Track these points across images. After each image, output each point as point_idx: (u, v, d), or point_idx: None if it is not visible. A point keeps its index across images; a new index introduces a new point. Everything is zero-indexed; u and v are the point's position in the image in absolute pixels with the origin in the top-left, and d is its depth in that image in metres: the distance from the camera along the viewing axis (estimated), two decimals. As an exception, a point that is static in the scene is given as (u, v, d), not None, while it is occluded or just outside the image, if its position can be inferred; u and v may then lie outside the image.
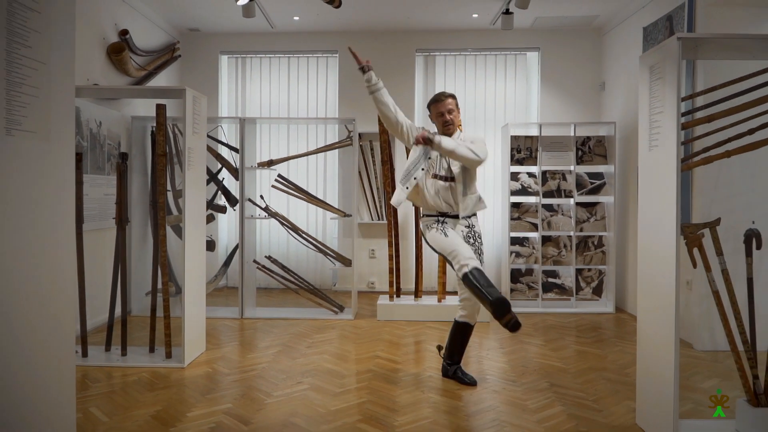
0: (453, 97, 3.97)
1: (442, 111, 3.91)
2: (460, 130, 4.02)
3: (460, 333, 3.92)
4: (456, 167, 3.83)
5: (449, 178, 3.84)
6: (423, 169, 3.83)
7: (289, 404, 3.46)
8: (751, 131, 2.92)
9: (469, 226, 3.85)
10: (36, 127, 1.67)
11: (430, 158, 3.86)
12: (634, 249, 5.90)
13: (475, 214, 3.92)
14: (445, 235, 3.70)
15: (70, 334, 2.09)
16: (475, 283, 3.43)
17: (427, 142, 3.65)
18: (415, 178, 3.82)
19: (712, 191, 4.69)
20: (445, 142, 3.68)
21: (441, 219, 3.85)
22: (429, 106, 4.02)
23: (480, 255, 3.81)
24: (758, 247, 3.04)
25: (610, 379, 3.99)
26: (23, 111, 1.60)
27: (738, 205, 4.59)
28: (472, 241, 3.82)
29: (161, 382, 3.85)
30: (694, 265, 2.93)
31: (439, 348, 4.17)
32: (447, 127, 3.91)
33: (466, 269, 3.49)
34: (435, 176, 3.87)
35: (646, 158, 3.08)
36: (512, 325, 3.30)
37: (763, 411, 2.94)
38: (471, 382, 3.85)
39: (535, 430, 3.12)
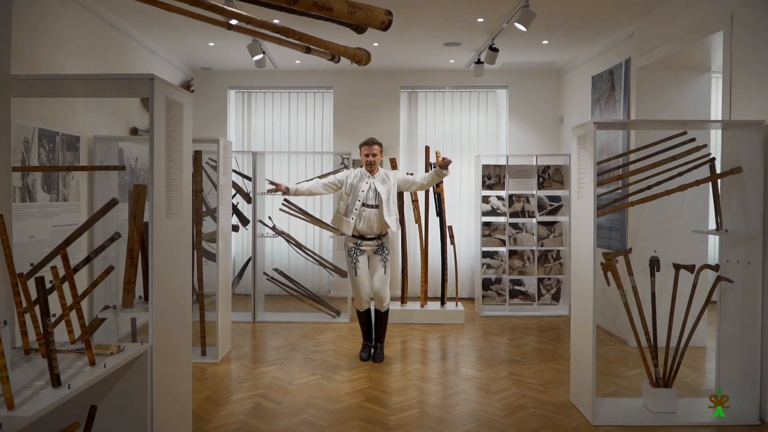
0: (379, 144, 5.23)
1: (368, 153, 5.16)
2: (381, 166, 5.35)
3: (380, 320, 5.34)
4: (384, 195, 5.07)
5: (376, 205, 5.09)
6: (358, 200, 5.07)
7: (308, 390, 4.50)
8: (649, 187, 4.03)
9: (379, 245, 5.16)
10: (177, 210, 2.68)
11: (363, 191, 5.08)
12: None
13: (386, 234, 5.19)
14: (356, 271, 5.13)
15: (188, 333, 3.11)
16: (361, 321, 5.32)
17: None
18: (356, 209, 5.06)
19: (636, 223, 5.79)
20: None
21: (358, 242, 5.13)
22: (360, 146, 5.25)
23: (386, 263, 5.17)
24: (658, 270, 4.13)
25: (557, 369, 5.07)
26: (172, 202, 2.61)
27: (650, 235, 5.68)
28: (381, 254, 5.15)
29: (202, 374, 4.85)
30: (608, 284, 4.02)
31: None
32: (370, 165, 5.16)
33: (359, 308, 5.25)
34: (364, 205, 5.09)
35: (575, 205, 4.17)
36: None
37: (660, 390, 4.03)
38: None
39: (495, 405, 4.19)
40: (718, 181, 4.14)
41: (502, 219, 7.44)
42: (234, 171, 6.84)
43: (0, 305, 2.25)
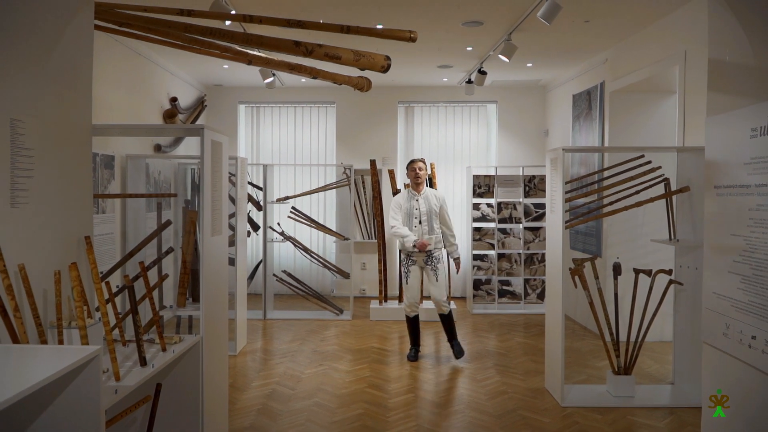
0: (423, 162, 5.76)
1: (415, 168, 5.69)
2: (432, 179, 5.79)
3: (445, 322, 5.73)
4: (425, 215, 5.59)
5: (421, 223, 5.64)
6: (415, 218, 5.60)
7: (318, 378, 5.17)
8: (611, 203, 4.70)
9: (427, 255, 5.60)
10: (220, 230, 3.35)
11: (416, 209, 5.62)
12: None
13: (438, 248, 5.64)
14: (407, 279, 5.64)
15: (226, 328, 3.77)
16: (408, 326, 5.76)
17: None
18: (415, 226, 5.61)
19: (609, 230, 6.45)
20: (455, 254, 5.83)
21: (411, 255, 5.62)
22: (407, 165, 5.79)
23: (436, 272, 5.59)
24: (619, 274, 4.80)
25: (536, 360, 5.74)
26: (216, 223, 3.28)
27: (621, 241, 6.35)
28: (430, 263, 5.59)
29: (223, 365, 5.52)
30: (575, 286, 4.69)
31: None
32: (417, 179, 5.69)
33: (408, 313, 5.71)
34: (419, 221, 5.61)
35: (549, 217, 4.84)
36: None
37: (621, 377, 4.69)
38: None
39: (479, 391, 4.86)
40: (673, 197, 4.81)
41: (491, 225, 8.10)
42: (248, 183, 7.49)
43: (92, 305, 2.90)
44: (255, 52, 4.60)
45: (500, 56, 5.85)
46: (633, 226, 6.29)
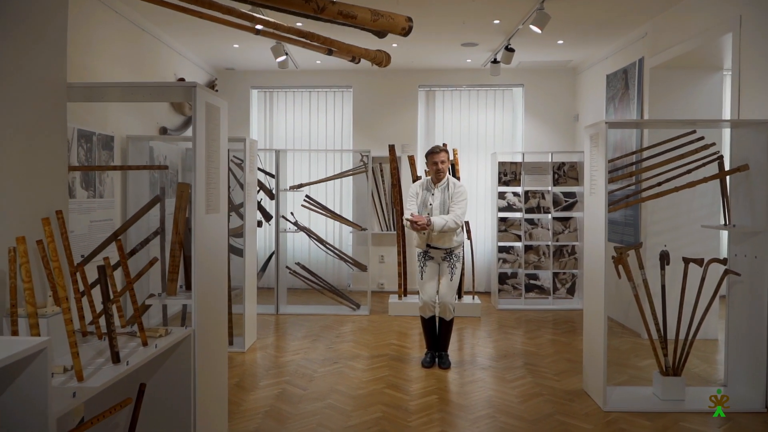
0: (445, 151, 5.06)
1: (436, 161, 4.97)
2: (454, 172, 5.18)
3: (442, 329, 5.10)
4: (438, 208, 4.88)
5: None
6: (427, 213, 4.92)
7: (332, 377, 4.73)
8: (659, 184, 4.19)
9: (447, 251, 4.95)
10: (215, 207, 2.93)
11: (430, 203, 4.97)
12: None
13: (459, 246, 5.01)
14: (422, 275, 5.02)
15: (225, 320, 3.34)
16: (424, 328, 5.12)
17: (422, 227, 4.74)
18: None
19: (649, 218, 5.93)
20: (437, 224, 4.73)
21: (427, 251, 4.99)
22: (426, 155, 5.07)
23: (453, 269, 4.96)
24: (667, 263, 4.29)
25: (571, 360, 5.25)
26: (211, 199, 2.85)
27: (664, 230, 5.82)
28: (449, 260, 4.96)
29: (230, 363, 5.09)
30: (619, 277, 4.19)
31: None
32: (438, 174, 4.98)
33: (423, 315, 5.06)
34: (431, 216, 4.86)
35: (588, 201, 4.35)
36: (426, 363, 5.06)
37: (669, 378, 4.19)
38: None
39: (510, 393, 4.39)
40: (727, 178, 4.29)
41: (518, 215, 7.61)
42: (258, 169, 7.08)
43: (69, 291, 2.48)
44: (261, 16, 4.17)
45: (531, 27, 5.36)
46: (676, 213, 5.76)
